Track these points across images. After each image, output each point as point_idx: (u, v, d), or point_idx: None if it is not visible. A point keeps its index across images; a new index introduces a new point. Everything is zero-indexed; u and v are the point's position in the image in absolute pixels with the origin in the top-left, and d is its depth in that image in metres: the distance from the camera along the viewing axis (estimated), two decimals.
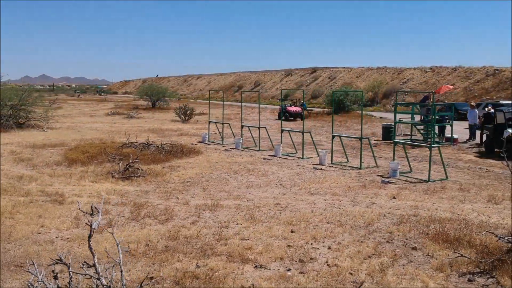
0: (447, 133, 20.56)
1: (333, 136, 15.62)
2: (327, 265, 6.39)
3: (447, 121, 20.50)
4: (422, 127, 21.37)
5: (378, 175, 12.95)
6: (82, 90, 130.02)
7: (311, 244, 7.25)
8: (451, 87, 36.15)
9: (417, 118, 22.99)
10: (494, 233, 6.81)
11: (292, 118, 34.13)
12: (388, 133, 21.07)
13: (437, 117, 20.74)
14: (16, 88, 30.23)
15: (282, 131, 17.70)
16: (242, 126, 19.32)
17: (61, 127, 26.66)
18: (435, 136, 20.63)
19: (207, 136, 20.49)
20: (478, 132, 19.46)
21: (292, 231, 7.83)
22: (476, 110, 20.17)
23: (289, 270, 6.21)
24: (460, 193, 10.78)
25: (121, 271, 4.30)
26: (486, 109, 19.48)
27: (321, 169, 13.86)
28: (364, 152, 14.79)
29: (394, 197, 10.30)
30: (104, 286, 4.00)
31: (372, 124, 29.43)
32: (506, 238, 6.38)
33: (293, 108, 34.61)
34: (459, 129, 22.75)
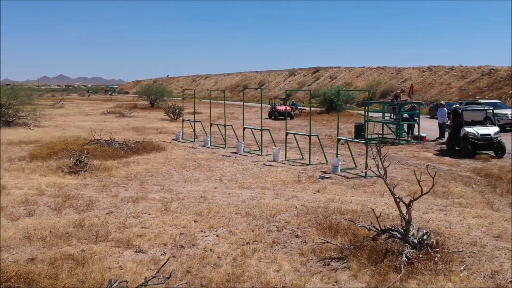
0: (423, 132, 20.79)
1: (287, 134, 16.02)
2: (204, 250, 6.85)
3: (415, 119, 20.73)
4: (393, 125, 21.60)
5: (322, 171, 13.32)
6: (94, 90, 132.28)
7: (204, 232, 7.72)
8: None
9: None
10: (353, 221, 7.20)
11: (282, 117, 34.55)
12: (359, 131, 21.41)
13: (406, 115, 21.04)
14: (5, 88, 31.21)
15: (244, 129, 18.15)
16: (211, 124, 19.83)
17: (50, 125, 27.52)
18: (403, 134, 20.92)
19: (181, 134, 21.05)
20: None
21: (195, 221, 8.31)
22: (445, 108, 20.35)
23: (163, 254, 6.69)
24: (386, 188, 11.09)
25: None
26: (454, 107, 19.65)
27: (270, 165, 14.29)
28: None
29: (318, 191, 10.70)
30: None
31: None
32: (361, 224, 6.78)
33: (282, 108, 35.06)
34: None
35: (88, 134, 22.33)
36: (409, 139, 20.72)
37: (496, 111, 23.72)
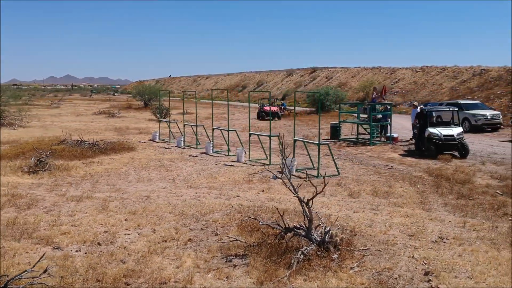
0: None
1: (250, 134, 16.25)
2: (118, 247, 7.11)
3: (387, 120, 20.89)
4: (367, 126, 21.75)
5: (279, 171, 13.51)
6: (97, 90, 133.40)
7: (129, 230, 7.98)
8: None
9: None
10: (256, 219, 7.43)
11: (271, 118, 34.75)
12: (335, 132, 21.65)
13: (380, 116, 21.20)
14: None
15: (213, 129, 18.40)
16: (184, 125, 20.09)
17: (36, 125, 27.94)
18: (376, 134, 21.09)
19: (157, 134, 21.34)
20: None
21: (126, 220, 8.58)
22: (418, 109, 20.45)
23: (78, 251, 6.96)
24: (332, 188, 11.32)
25: None
26: (419, 108, 19.81)
27: (231, 165, 14.52)
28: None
29: (262, 191, 10.94)
30: None
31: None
32: (263, 223, 7.01)
33: (269, 108, 35.27)
34: None
35: (69, 134, 22.73)
36: (382, 139, 20.88)
37: (475, 111, 23.97)
